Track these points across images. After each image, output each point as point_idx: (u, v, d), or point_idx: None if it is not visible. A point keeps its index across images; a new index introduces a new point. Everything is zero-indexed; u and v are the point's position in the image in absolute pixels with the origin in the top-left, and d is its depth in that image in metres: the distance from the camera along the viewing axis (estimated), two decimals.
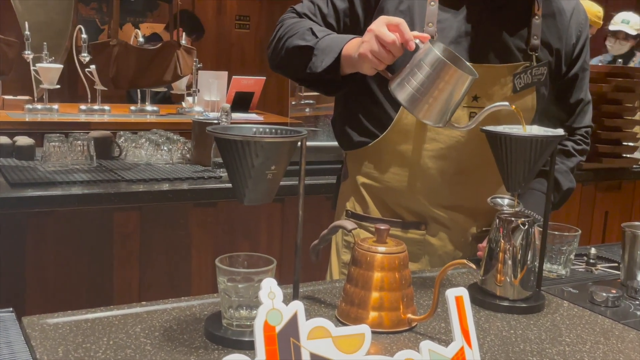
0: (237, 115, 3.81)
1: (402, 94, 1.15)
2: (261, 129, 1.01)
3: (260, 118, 3.97)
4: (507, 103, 1.16)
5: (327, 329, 0.75)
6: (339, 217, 1.57)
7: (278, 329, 0.73)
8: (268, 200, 0.98)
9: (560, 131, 1.17)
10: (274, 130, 1.00)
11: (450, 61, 1.13)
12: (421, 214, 1.45)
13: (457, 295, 0.84)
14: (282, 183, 2.15)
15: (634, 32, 4.65)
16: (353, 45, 1.28)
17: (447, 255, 1.46)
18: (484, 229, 1.47)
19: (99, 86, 3.51)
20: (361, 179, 1.49)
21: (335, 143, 1.60)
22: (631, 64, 4.62)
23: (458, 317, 0.82)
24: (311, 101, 3.05)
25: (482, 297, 1.20)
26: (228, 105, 2.37)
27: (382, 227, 1.09)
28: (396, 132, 1.40)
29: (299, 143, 0.97)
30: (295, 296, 1.03)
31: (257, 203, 0.98)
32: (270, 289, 0.74)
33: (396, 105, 1.37)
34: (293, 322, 0.74)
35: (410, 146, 1.40)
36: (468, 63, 1.17)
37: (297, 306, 0.74)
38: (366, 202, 1.49)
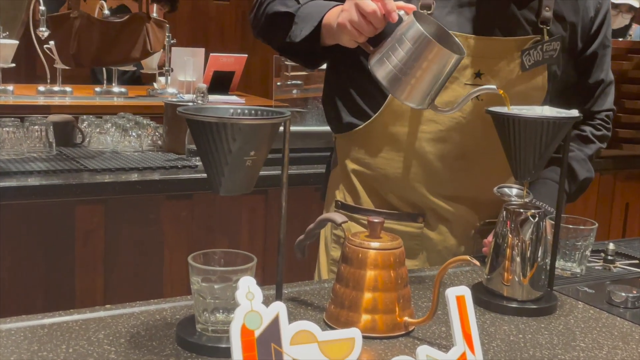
0: (216, 98, 3.79)
1: (381, 72, 1.14)
2: (239, 110, 1.00)
3: (241, 100, 3.96)
4: (494, 86, 1.16)
5: (312, 333, 0.75)
6: (328, 209, 1.58)
7: (257, 333, 0.73)
8: (247, 190, 0.98)
9: (574, 112, 1.17)
10: (253, 112, 1.00)
11: (439, 36, 1.12)
12: (418, 204, 1.45)
13: (458, 294, 0.84)
14: (265, 172, 2.17)
15: (637, 4, 4.63)
16: (334, 14, 1.27)
17: (447, 251, 1.47)
18: (487, 221, 1.48)
19: (59, 65, 3.48)
20: (351, 165, 1.49)
21: (326, 128, 1.60)
22: (628, 38, 4.62)
23: (459, 319, 0.82)
24: (299, 82, 3.04)
25: (487, 298, 1.21)
26: (204, 86, 2.36)
27: (376, 220, 1.09)
28: (390, 112, 1.40)
29: (282, 126, 0.97)
30: (279, 297, 1.03)
31: (234, 193, 0.98)
32: (248, 288, 0.74)
33: None
34: (274, 325, 0.74)
35: (405, 128, 1.40)
36: (470, 37, 1.17)
37: (279, 308, 0.74)
38: (357, 192, 1.49)
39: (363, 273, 1.06)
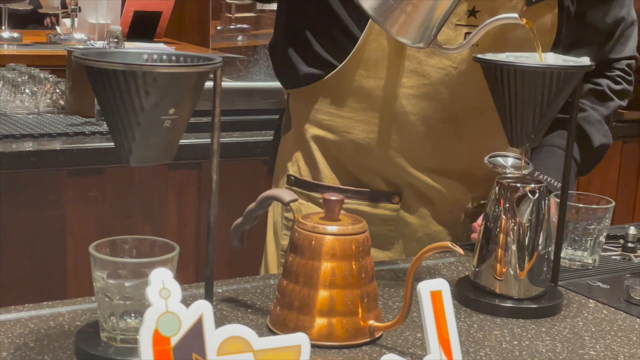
0: (137, 45, 3.75)
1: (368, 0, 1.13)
2: (155, 56, 0.99)
3: (169, 49, 3.92)
4: (516, 15, 1.16)
5: (246, 340, 0.75)
6: (278, 186, 1.58)
7: (174, 340, 0.73)
8: (166, 160, 0.98)
9: (585, 60, 1.18)
10: (174, 58, 0.99)
11: None
12: (394, 180, 1.46)
13: (433, 289, 0.84)
14: (200, 140, 2.15)
15: None
16: None
17: (429, 239, 1.48)
18: (482, 202, 1.49)
19: None
20: (310, 130, 1.49)
21: (278, 84, 1.59)
22: None
23: (435, 320, 0.82)
24: (245, 25, 3.02)
25: (475, 295, 1.21)
26: (119, 29, 2.33)
27: (333, 197, 1.08)
28: (360, 61, 1.40)
29: (212, 77, 0.96)
30: (208, 297, 1.02)
31: (149, 163, 0.97)
32: (162, 283, 0.74)
33: (361, 20, 1.37)
34: (196, 331, 0.74)
35: (380, 81, 1.40)
36: None
37: (203, 308, 0.74)
38: (316, 164, 1.49)
39: (317, 265, 1.06)
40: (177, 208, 2.30)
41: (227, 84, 2.56)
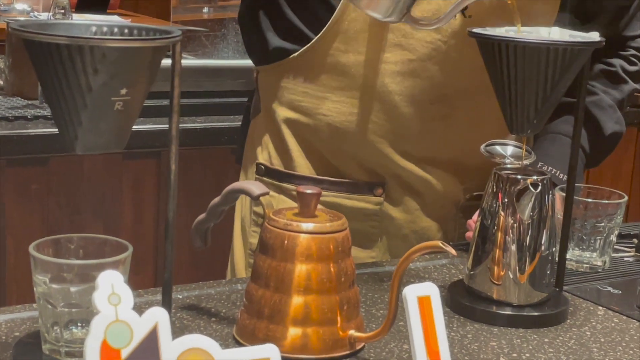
0: (87, 17, 3.72)
1: None
2: (105, 28, 0.99)
3: (124, 21, 3.90)
4: None
5: (207, 352, 0.75)
6: (247, 176, 1.58)
7: (125, 353, 0.73)
8: (117, 147, 0.97)
9: (594, 35, 1.18)
10: (126, 30, 0.99)
11: None
12: (377, 168, 1.46)
13: (420, 295, 0.84)
14: (159, 126, 2.15)
15: None
16: None
17: (417, 237, 1.49)
18: (476, 194, 1.50)
19: None
20: (281, 112, 1.49)
21: (249, 62, 1.59)
22: None
23: (422, 329, 0.82)
24: None
25: (469, 301, 1.22)
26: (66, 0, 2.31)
27: (309, 191, 1.08)
28: (338, 33, 1.40)
29: (170, 52, 0.95)
30: (166, 303, 1.02)
31: (98, 150, 0.96)
32: (111, 288, 0.73)
33: None
34: (150, 342, 0.73)
35: (360, 56, 1.40)
36: None
37: (158, 316, 0.74)
38: (289, 151, 1.50)
39: (290, 268, 1.06)
40: (132, 203, 2.30)
41: (190, 61, 2.56)
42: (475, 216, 1.37)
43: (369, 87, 1.41)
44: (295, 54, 1.44)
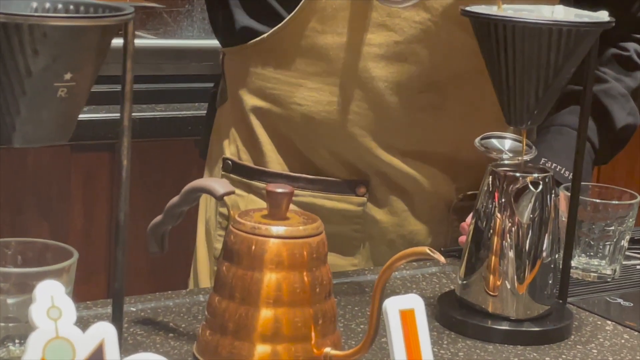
0: None
1: None
2: (48, 5, 0.98)
3: None
4: None
5: None
6: (212, 173, 1.58)
7: None
8: (61, 139, 0.97)
9: (603, 15, 1.18)
10: (72, 7, 0.98)
11: None
12: (359, 165, 1.46)
13: (403, 308, 0.84)
14: (113, 115, 2.13)
15: None
16: None
17: (404, 243, 1.49)
18: (470, 193, 1.50)
19: None
20: (250, 100, 1.49)
21: (216, 42, 1.60)
22: None
23: (405, 347, 0.82)
24: None
25: (462, 315, 1.22)
26: None
27: (280, 190, 1.08)
28: (315, 11, 1.40)
29: (122, 32, 0.95)
30: (117, 317, 1.02)
31: (40, 143, 0.96)
32: (51, 300, 0.73)
33: None
34: None
35: (340, 37, 1.40)
36: None
37: (104, 332, 0.74)
38: (259, 145, 1.50)
39: (257, 277, 1.06)
40: (83, 202, 2.29)
41: (150, 41, 2.55)
42: (469, 218, 1.37)
43: (350, 73, 1.41)
44: (265, 35, 1.44)
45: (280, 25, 1.42)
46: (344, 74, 1.42)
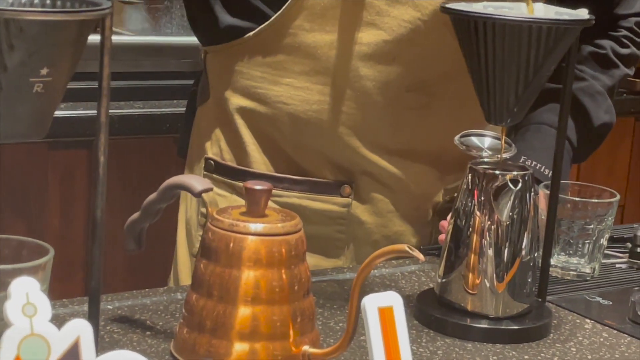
0: None
1: None
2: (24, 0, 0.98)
3: None
4: None
5: None
6: (193, 172, 1.58)
7: None
8: (37, 136, 0.96)
9: (582, 12, 1.19)
10: (48, 1, 0.98)
11: None
12: (345, 165, 1.46)
13: (382, 306, 0.84)
14: (91, 112, 2.11)
15: None
16: None
17: (389, 244, 1.45)
18: (456, 194, 1.49)
19: None
20: (235, 100, 1.49)
21: (195, 39, 1.60)
22: None
23: (383, 345, 0.82)
24: None
25: (441, 313, 1.22)
26: None
27: (258, 187, 1.08)
28: (303, 8, 1.40)
29: (99, 28, 0.95)
30: (93, 314, 1.01)
31: (15, 139, 0.95)
32: (26, 297, 0.72)
33: None
34: (71, 359, 0.73)
35: (328, 36, 1.40)
36: None
37: (80, 329, 0.74)
38: (243, 144, 1.49)
39: (235, 274, 1.05)
40: (60, 199, 2.29)
41: (128, 38, 2.54)
42: (449, 217, 1.37)
43: (338, 72, 1.41)
44: (252, 33, 1.44)
45: (267, 23, 1.42)
46: (331, 73, 1.41)
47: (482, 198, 1.20)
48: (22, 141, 0.96)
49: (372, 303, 0.86)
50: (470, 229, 1.21)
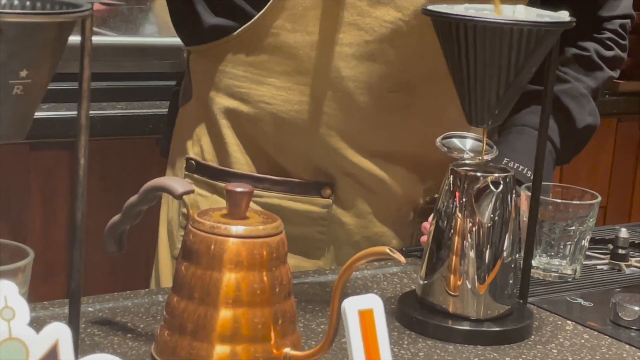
0: None
1: None
2: (4, 1, 0.97)
3: None
4: None
5: None
6: (175, 173, 1.57)
7: None
8: (17, 137, 0.96)
9: (564, 15, 1.19)
10: (28, 3, 0.97)
11: None
12: (326, 166, 1.47)
13: (362, 308, 0.84)
14: (72, 113, 2.12)
15: None
16: None
17: (370, 245, 1.48)
18: (436, 196, 1.49)
19: None
20: (218, 100, 1.49)
21: (178, 40, 1.59)
22: None
23: (364, 348, 0.82)
24: None
25: (422, 315, 1.22)
26: None
27: (239, 189, 1.08)
28: (285, 9, 1.40)
29: (82, 31, 0.94)
30: (73, 317, 1.01)
31: None
32: (5, 300, 0.72)
33: None
34: None
35: (310, 36, 1.41)
36: None
37: (59, 333, 0.73)
38: (225, 145, 1.50)
39: (216, 276, 1.05)
40: (42, 201, 2.28)
41: (110, 39, 2.54)
42: (431, 218, 1.37)
43: (320, 72, 1.41)
44: (235, 33, 1.44)
45: (249, 23, 1.42)
46: (313, 73, 1.42)
47: (464, 200, 1.21)
48: (2, 142, 0.95)
49: (352, 306, 0.86)
50: (452, 231, 1.21)
